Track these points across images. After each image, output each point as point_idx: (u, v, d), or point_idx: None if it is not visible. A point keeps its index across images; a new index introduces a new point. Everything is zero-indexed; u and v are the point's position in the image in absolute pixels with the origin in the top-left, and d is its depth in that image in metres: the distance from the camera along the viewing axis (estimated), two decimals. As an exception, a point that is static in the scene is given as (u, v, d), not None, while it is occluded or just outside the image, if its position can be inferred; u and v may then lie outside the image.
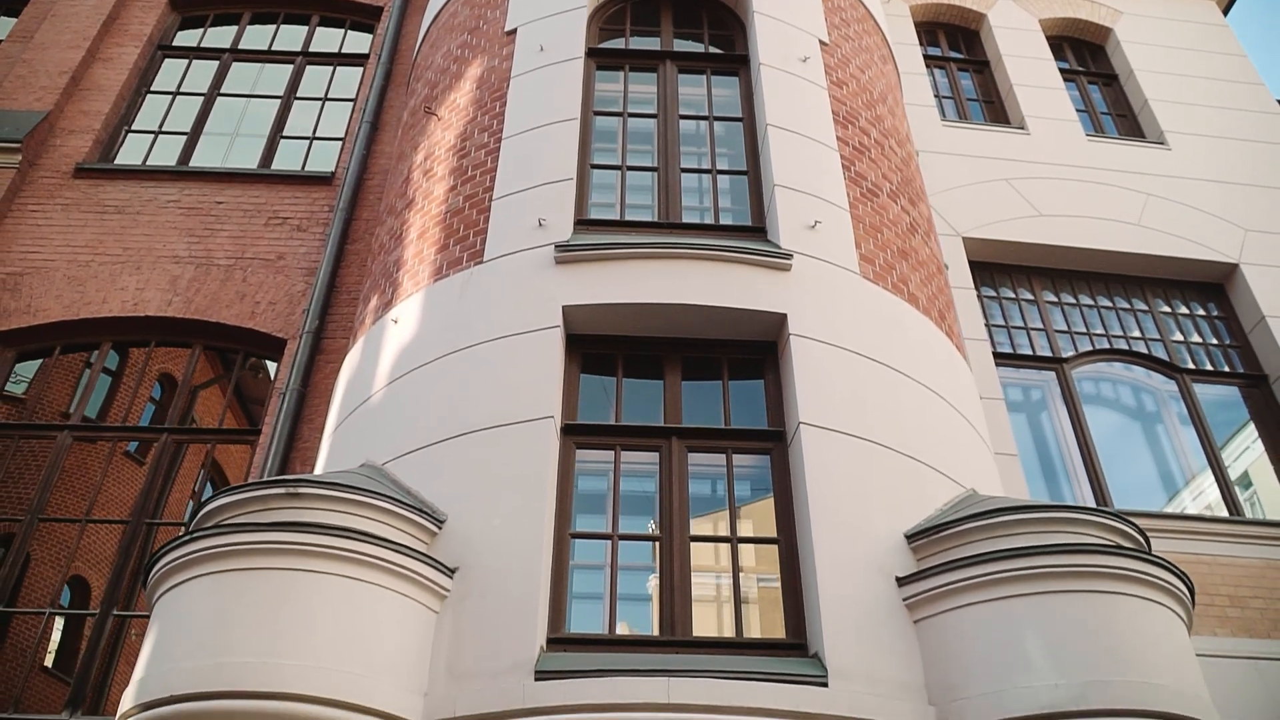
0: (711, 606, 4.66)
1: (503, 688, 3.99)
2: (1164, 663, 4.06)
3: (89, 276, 8.02)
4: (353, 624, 4.02)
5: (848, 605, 4.34)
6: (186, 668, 3.86)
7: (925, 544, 4.55)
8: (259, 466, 6.97)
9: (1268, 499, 8.08)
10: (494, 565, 4.38)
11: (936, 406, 5.34)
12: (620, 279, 5.24)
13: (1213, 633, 6.81)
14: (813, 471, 4.69)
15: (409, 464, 4.89)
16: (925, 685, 4.19)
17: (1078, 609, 4.14)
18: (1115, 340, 8.61)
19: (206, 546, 4.11)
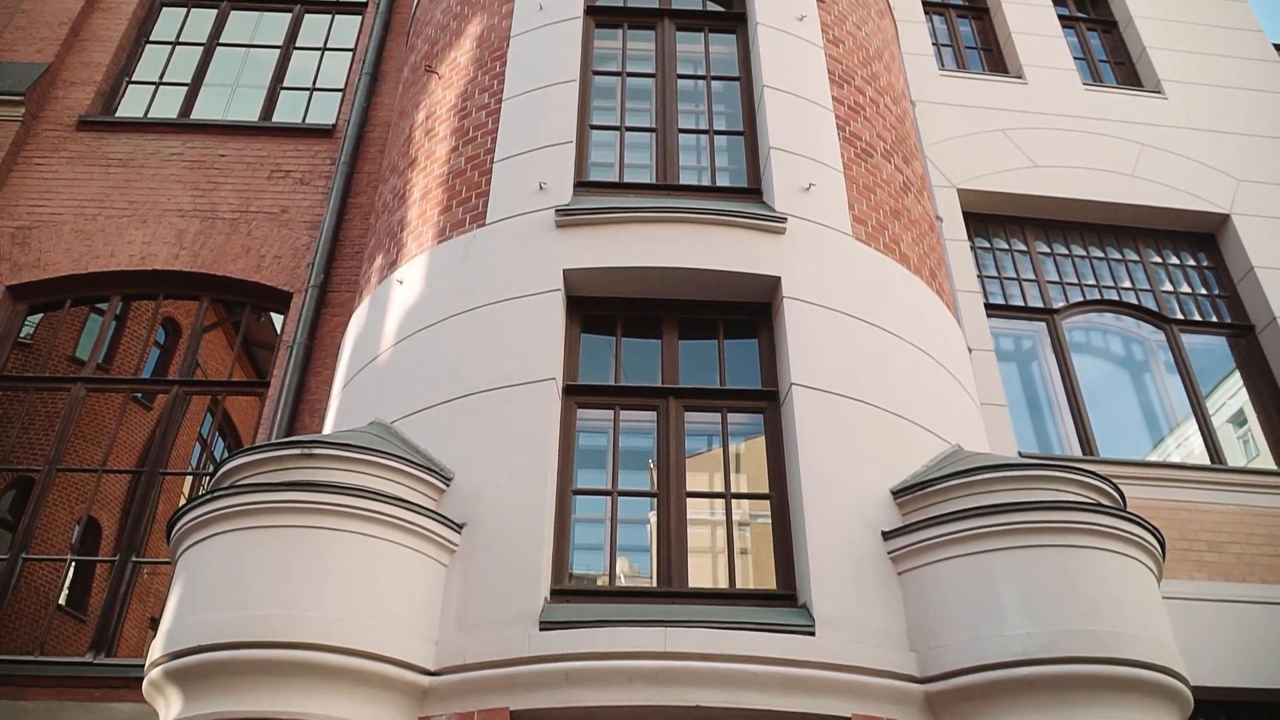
0: (706, 558, 4.91)
1: (509, 637, 4.25)
2: (1132, 613, 4.31)
3: (96, 230, 8.16)
4: (367, 577, 4.27)
5: (835, 558, 4.59)
6: (212, 620, 4.12)
7: (910, 500, 4.79)
8: (269, 419, 7.20)
9: (1248, 448, 8.34)
10: (500, 521, 4.61)
11: (924, 365, 5.54)
12: (619, 243, 5.40)
13: (1190, 577, 7.08)
14: (804, 431, 4.90)
15: (417, 423, 5.10)
16: (907, 633, 4.45)
17: (1052, 562, 4.39)
18: (1106, 291, 8.77)
19: (227, 505, 4.34)
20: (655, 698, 4.11)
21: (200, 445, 8.05)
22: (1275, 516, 7.44)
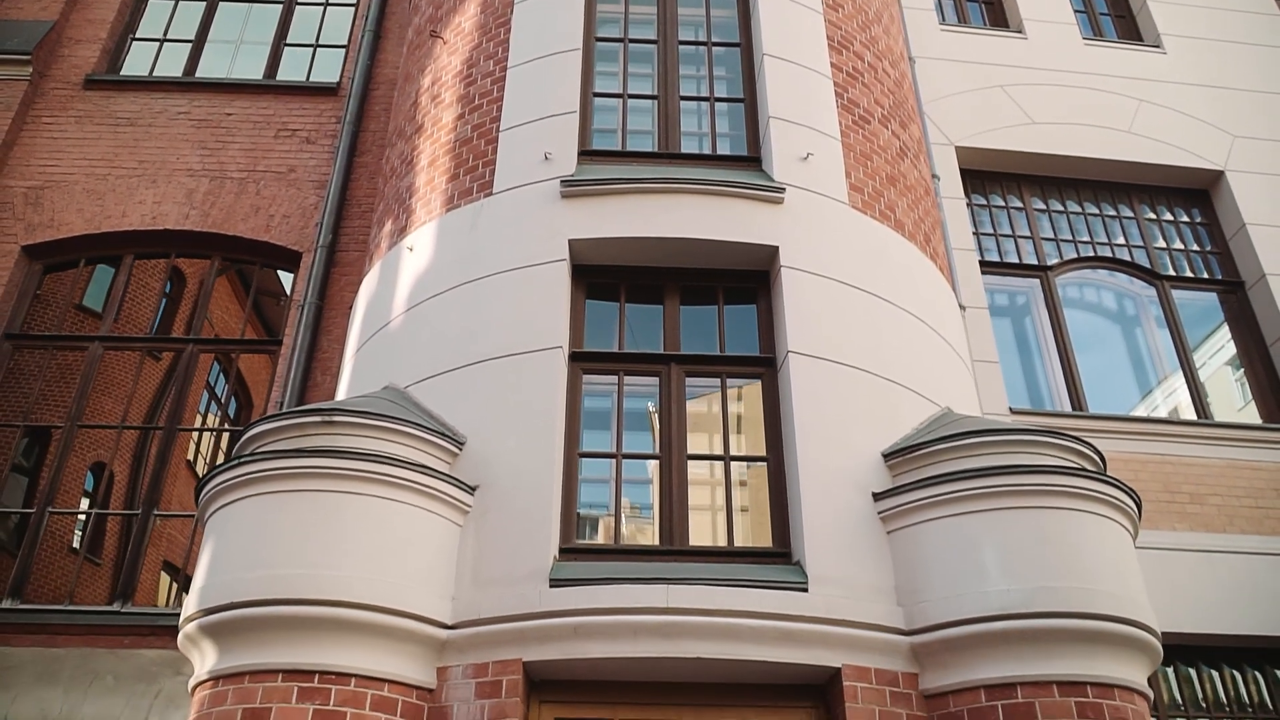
0: (706, 518, 5.19)
1: (521, 593, 4.55)
2: (1107, 570, 4.61)
3: (107, 190, 8.33)
4: (387, 538, 4.55)
5: (828, 518, 4.87)
6: (243, 578, 4.41)
7: (899, 462, 5.06)
8: (282, 376, 7.46)
9: (1232, 401, 8.61)
10: (511, 483, 4.88)
11: (917, 330, 5.77)
12: (622, 213, 5.59)
13: (1172, 528, 7.39)
14: (800, 396, 5.15)
15: (429, 388, 5.35)
16: (895, 589, 4.75)
17: (1032, 523, 4.67)
18: (1100, 248, 8.96)
19: (253, 470, 4.61)
20: (658, 650, 4.43)
21: (208, 394, 8.28)
22: (1256, 469, 7.73)
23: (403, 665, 4.43)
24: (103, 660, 6.40)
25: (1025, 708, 4.34)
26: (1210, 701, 6.87)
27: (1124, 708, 4.39)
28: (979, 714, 4.40)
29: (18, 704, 6.17)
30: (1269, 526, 7.44)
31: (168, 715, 6.14)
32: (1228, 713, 6.83)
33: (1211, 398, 8.33)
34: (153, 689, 6.28)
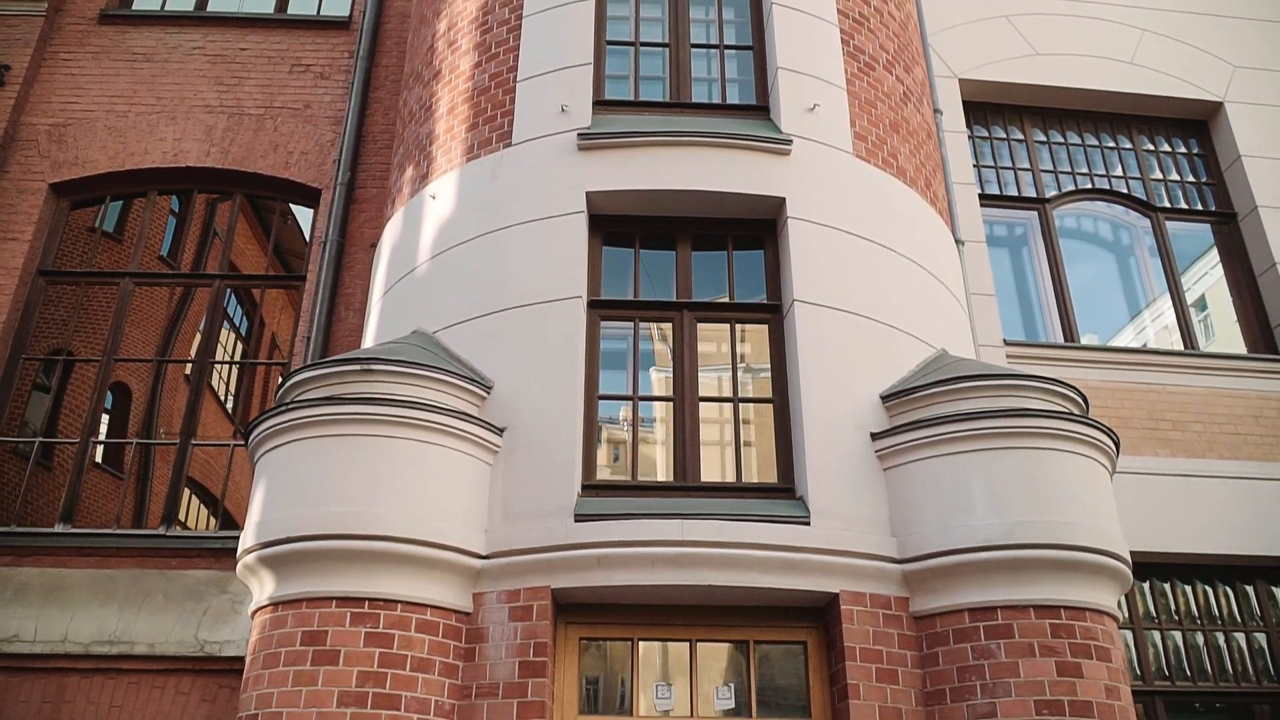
0: (716, 455, 5.64)
1: (549, 527, 5.03)
2: (1084, 505, 5.07)
3: (128, 127, 8.57)
4: (425, 477, 5.00)
5: (829, 456, 5.32)
6: (297, 515, 4.88)
7: (896, 404, 5.48)
8: (307, 312, 7.84)
9: (1221, 327, 9.01)
10: (536, 425, 5.32)
11: (916, 275, 6.14)
12: (637, 166, 5.90)
13: (1155, 454, 7.88)
14: (804, 342, 5.55)
15: (456, 334, 5.75)
16: (889, 521, 5.23)
17: (1016, 462, 5.12)
18: (1098, 179, 9.24)
19: (301, 416, 5.04)
20: (674, 578, 4.92)
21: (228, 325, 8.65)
22: (1237, 397, 8.18)
23: (443, 592, 4.93)
24: (153, 580, 6.94)
25: (1004, 628, 4.86)
26: (1183, 614, 7.45)
27: (1094, 628, 4.90)
28: (963, 634, 4.92)
29: (76, 621, 6.73)
30: (1245, 452, 7.92)
31: (216, 631, 6.69)
32: (1198, 624, 7.41)
33: (1198, 322, 8.72)
34: (201, 606, 6.82)
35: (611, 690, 5.18)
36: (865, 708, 4.80)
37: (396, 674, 4.67)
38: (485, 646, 4.90)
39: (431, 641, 4.82)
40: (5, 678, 6.59)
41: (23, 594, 6.83)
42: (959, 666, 4.86)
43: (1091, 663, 4.80)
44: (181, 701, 6.56)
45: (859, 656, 4.90)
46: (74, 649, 6.60)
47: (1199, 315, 9.10)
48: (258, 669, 4.78)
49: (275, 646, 4.75)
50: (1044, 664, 4.76)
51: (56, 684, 6.58)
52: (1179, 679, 7.21)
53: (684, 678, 5.15)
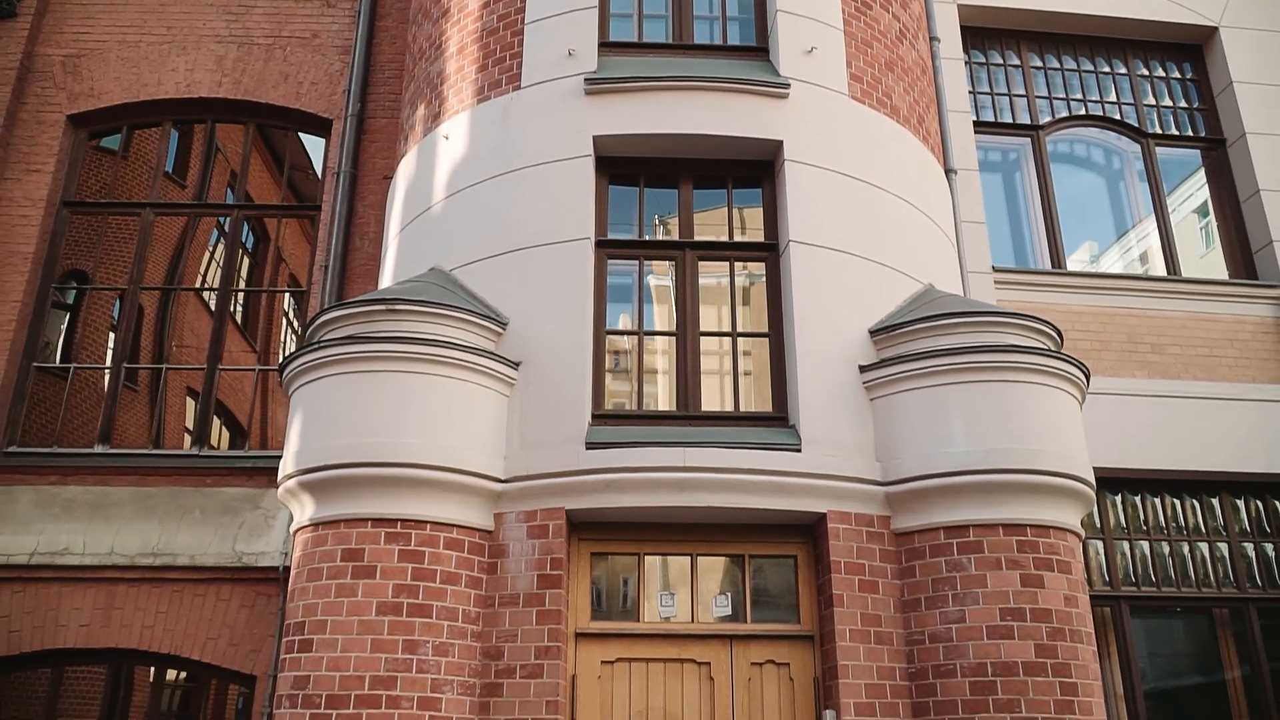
0: (716, 385, 6.14)
1: (562, 454, 5.57)
2: (1052, 433, 5.60)
3: (140, 58, 8.84)
4: (448, 409, 5.52)
5: (820, 387, 5.82)
6: (332, 444, 5.41)
7: (883, 339, 5.97)
8: (324, 242, 8.26)
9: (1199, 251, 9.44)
10: (549, 359, 5.81)
11: (906, 213, 6.55)
12: (641, 110, 6.26)
13: (1133, 375, 8.39)
14: (798, 280, 6.01)
15: (472, 272, 6.20)
16: (874, 448, 5.77)
17: (992, 394, 5.63)
18: (1091, 105, 9.54)
19: (334, 354, 5.53)
20: (676, 500, 5.48)
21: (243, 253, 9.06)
22: (1214, 321, 8.66)
23: (467, 513, 5.50)
24: (190, 497, 7.52)
25: (975, 544, 5.44)
26: (1151, 525, 8.07)
27: (1056, 544, 5.49)
28: (938, 549, 5.51)
29: (121, 535, 7.33)
30: (1219, 374, 8.44)
31: (252, 543, 7.29)
32: (1165, 535, 8.03)
33: (1180, 242, 9.14)
34: (236, 520, 7.42)
35: (620, 599, 5.80)
36: (849, 614, 5.41)
37: (428, 586, 5.27)
38: (506, 561, 5.49)
39: (458, 557, 5.40)
40: (59, 587, 7.22)
41: (70, 510, 7.42)
42: (933, 578, 5.46)
43: (1053, 575, 5.39)
44: (223, 608, 7.20)
45: (844, 569, 5.49)
46: (120, 560, 7.21)
47: (1200, 222, 9.49)
48: (302, 582, 5.38)
49: (318, 562, 5.34)
50: (1009, 576, 5.35)
51: (106, 592, 7.22)
52: (1144, 585, 7.87)
53: (685, 587, 5.76)
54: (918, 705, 5.33)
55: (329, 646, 5.12)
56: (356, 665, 5.06)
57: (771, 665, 5.60)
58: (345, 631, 5.13)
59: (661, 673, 5.56)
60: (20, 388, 7.97)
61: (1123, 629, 7.64)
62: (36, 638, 7.12)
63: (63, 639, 7.12)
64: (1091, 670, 5.35)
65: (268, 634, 7.09)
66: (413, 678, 5.09)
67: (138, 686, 7.48)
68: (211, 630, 7.13)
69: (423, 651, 5.14)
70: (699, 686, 5.54)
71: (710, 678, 5.55)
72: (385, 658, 5.08)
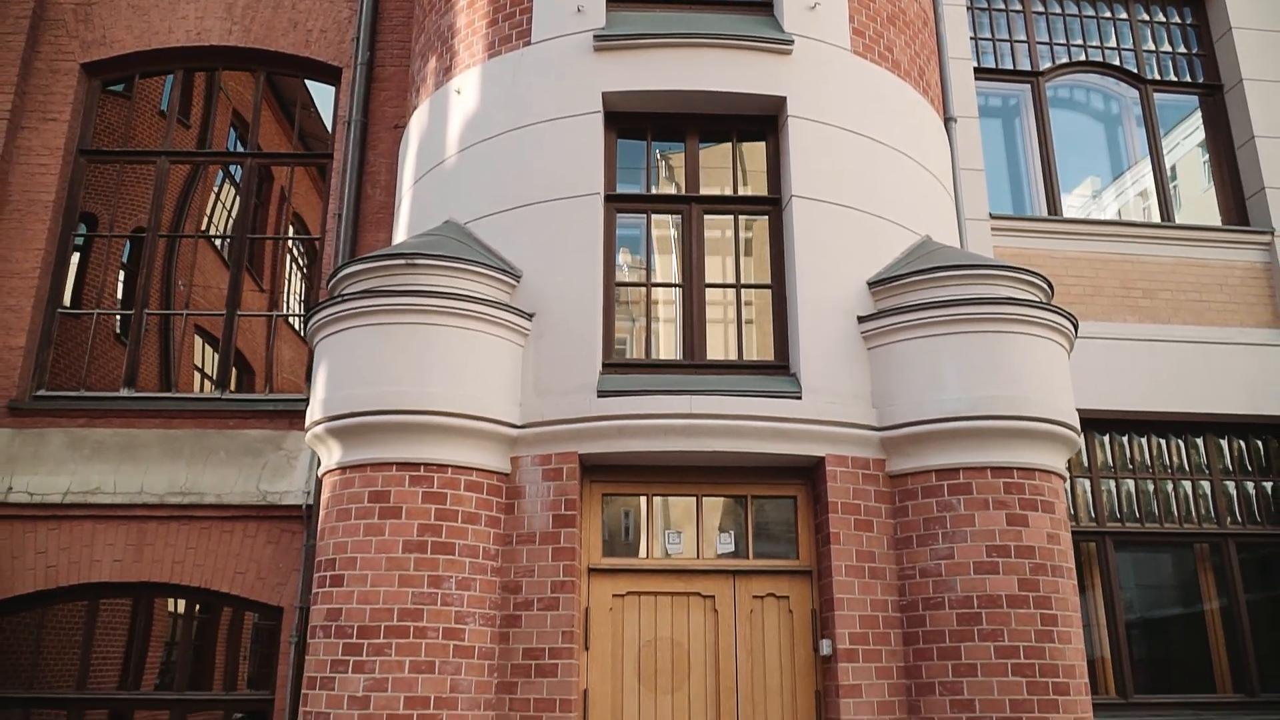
0: (720, 335, 6.46)
1: (574, 401, 5.91)
2: (1040, 381, 5.94)
3: (151, 5, 9.00)
4: (466, 360, 5.85)
5: (820, 337, 6.15)
6: (357, 394, 5.75)
7: (881, 290, 6.27)
8: (337, 190, 8.51)
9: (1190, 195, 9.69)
10: (561, 310, 6.13)
11: (905, 166, 6.81)
12: (649, 67, 6.48)
13: (1124, 320, 8.71)
14: (800, 234, 6.29)
15: (486, 225, 6.48)
16: (871, 395, 6.11)
17: (984, 344, 5.95)
18: (1091, 51, 9.71)
19: (357, 306, 5.84)
20: (682, 445, 5.84)
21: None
22: (1204, 266, 8.96)
23: (485, 457, 5.86)
24: (214, 439, 7.89)
25: (964, 486, 5.81)
26: (1136, 464, 8.46)
27: (1041, 485, 5.87)
28: (929, 490, 5.88)
29: (149, 475, 7.71)
30: (1207, 318, 8.76)
31: (275, 483, 7.69)
32: (1150, 473, 8.43)
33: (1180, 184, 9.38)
34: (259, 461, 7.80)
35: (630, 537, 6.19)
36: (844, 551, 5.81)
37: (450, 525, 5.66)
38: (523, 502, 5.87)
39: (478, 498, 5.78)
40: (92, 525, 7.63)
41: (100, 452, 7.80)
42: (925, 517, 5.85)
43: (1037, 514, 5.78)
44: (249, 543, 7.62)
45: (840, 509, 5.88)
46: (150, 499, 7.61)
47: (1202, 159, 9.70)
48: (332, 521, 5.76)
49: (346, 503, 5.72)
50: (996, 515, 5.74)
51: (137, 529, 7.63)
52: (1129, 521, 8.29)
53: (691, 526, 6.15)
54: (908, 635, 5.75)
55: (359, 581, 5.53)
56: (385, 599, 5.47)
57: (772, 598, 6.01)
58: (374, 568, 5.53)
59: (669, 605, 5.97)
60: (46, 333, 8.29)
61: (1106, 563, 8.08)
62: (73, 572, 7.55)
63: (97, 574, 7.55)
64: (1071, 603, 5.76)
65: (293, 568, 7.52)
66: (438, 610, 5.50)
67: (157, 617, 7.94)
68: (239, 565, 7.56)
69: (446, 586, 5.55)
70: (704, 618, 5.96)
71: (714, 610, 5.97)
72: (412, 591, 5.49)
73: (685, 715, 5.78)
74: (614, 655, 5.86)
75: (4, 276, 8.22)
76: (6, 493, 7.56)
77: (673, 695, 5.82)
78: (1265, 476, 8.57)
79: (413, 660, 5.41)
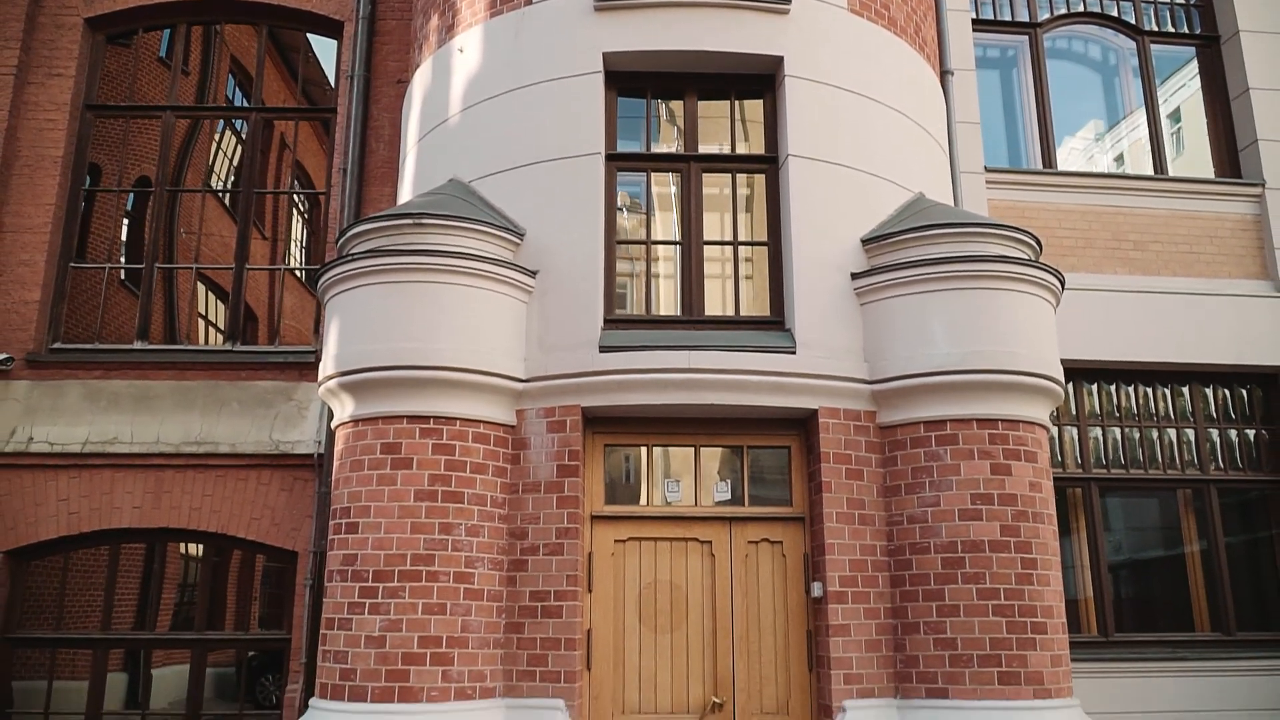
0: (718, 291, 6.71)
1: (577, 356, 6.19)
2: (1027, 337, 6.21)
3: (152, -42, 9.10)
4: (473, 317, 6.11)
5: (814, 293, 6.41)
6: (368, 349, 6.03)
7: (874, 248, 6.51)
8: (341, 144, 8.71)
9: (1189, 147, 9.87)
10: (564, 268, 6.38)
11: (900, 124, 7.01)
12: (648, 27, 6.65)
13: (1115, 272, 8.96)
14: (796, 192, 6.52)
15: (490, 184, 6.70)
16: (863, 349, 6.39)
17: (974, 300, 6.21)
18: (1089, 1, 9.80)
19: (367, 265, 6.09)
20: (681, 398, 6.13)
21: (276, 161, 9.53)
22: (1196, 218, 9.18)
23: (492, 410, 6.16)
24: (227, 390, 8.20)
25: (951, 437, 6.12)
26: (1124, 412, 8.77)
27: (1025, 436, 6.17)
28: (918, 441, 6.19)
29: (165, 425, 8.03)
30: (1197, 270, 9.01)
31: (287, 432, 8.01)
32: (1136, 421, 8.74)
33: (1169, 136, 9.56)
34: (271, 412, 8.11)
35: (631, 485, 6.52)
36: (836, 499, 6.14)
37: (459, 475, 5.97)
38: (528, 453, 6.18)
39: (485, 449, 6.09)
40: (111, 473, 7.96)
41: (116, 403, 8.10)
42: (913, 467, 6.17)
43: (1020, 464, 6.09)
44: (264, 491, 7.96)
45: (832, 459, 6.19)
46: (166, 449, 7.94)
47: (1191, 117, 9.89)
48: (346, 471, 6.08)
49: (359, 454, 6.03)
50: (981, 465, 6.05)
51: (155, 478, 7.96)
52: (1114, 467, 8.62)
53: (689, 475, 6.47)
54: (895, 578, 6.10)
55: (373, 529, 5.86)
56: (399, 545, 5.81)
57: (766, 543, 6.35)
58: (387, 515, 5.85)
59: (668, 550, 6.31)
60: (60, 287, 8.54)
61: (1092, 508, 8.43)
62: (94, 519, 7.91)
63: (117, 520, 7.91)
64: (1051, 547, 6.09)
65: (306, 515, 7.87)
66: (449, 555, 5.84)
67: (173, 562, 8.33)
68: (255, 511, 7.91)
69: (457, 532, 5.88)
70: (701, 562, 6.30)
71: (711, 554, 6.31)
72: (424, 538, 5.82)
73: (683, 653, 6.16)
74: (616, 597, 6.21)
75: (17, 232, 8.45)
76: (28, 442, 7.89)
77: (671, 634, 6.18)
78: (1248, 424, 8.88)
79: (425, 602, 5.76)
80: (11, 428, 7.96)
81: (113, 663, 8.00)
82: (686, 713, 6.09)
